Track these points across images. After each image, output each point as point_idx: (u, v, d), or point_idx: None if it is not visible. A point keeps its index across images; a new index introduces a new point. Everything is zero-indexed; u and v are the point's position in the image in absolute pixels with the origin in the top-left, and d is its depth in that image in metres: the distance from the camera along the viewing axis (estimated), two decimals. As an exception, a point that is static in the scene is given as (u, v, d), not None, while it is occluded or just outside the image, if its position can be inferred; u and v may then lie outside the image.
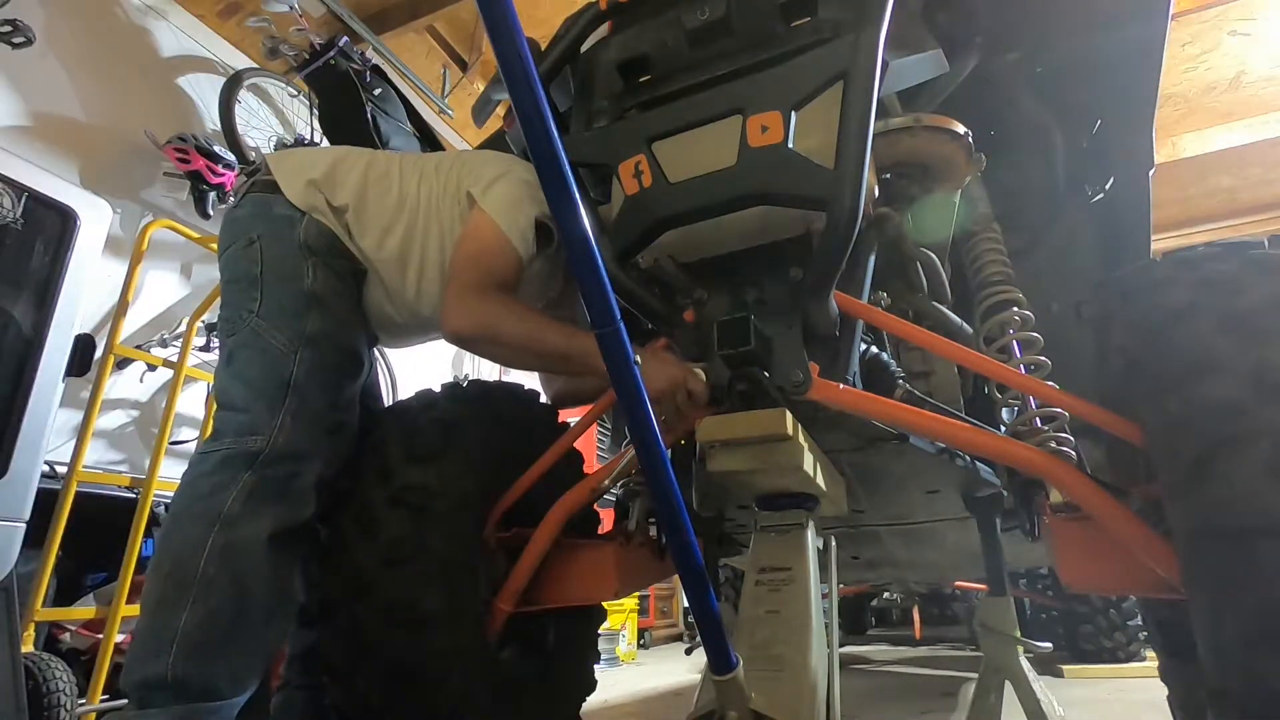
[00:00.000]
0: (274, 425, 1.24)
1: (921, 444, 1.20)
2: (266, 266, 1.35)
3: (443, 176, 1.51)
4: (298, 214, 1.39)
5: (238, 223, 1.42)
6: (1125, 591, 2.16)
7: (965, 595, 4.14)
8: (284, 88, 3.87)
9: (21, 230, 1.95)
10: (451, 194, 1.48)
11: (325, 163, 1.47)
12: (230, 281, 1.38)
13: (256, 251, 1.35)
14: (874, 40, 0.98)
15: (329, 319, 1.35)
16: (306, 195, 1.40)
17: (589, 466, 1.63)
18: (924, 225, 1.40)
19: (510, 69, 0.62)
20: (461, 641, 1.25)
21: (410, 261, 1.47)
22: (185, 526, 1.18)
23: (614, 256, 1.14)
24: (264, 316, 1.31)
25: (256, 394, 1.26)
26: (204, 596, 1.13)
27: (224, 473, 1.21)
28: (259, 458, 1.22)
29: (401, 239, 1.46)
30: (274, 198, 1.40)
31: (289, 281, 1.34)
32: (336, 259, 1.40)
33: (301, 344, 1.30)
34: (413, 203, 1.49)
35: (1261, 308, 0.85)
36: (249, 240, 1.37)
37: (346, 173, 1.47)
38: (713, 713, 0.89)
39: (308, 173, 1.43)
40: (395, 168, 1.53)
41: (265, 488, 1.21)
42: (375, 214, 1.46)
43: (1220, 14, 3.99)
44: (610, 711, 2.78)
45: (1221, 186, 5.45)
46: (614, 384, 0.74)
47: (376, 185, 1.49)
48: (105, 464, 2.83)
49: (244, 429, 1.24)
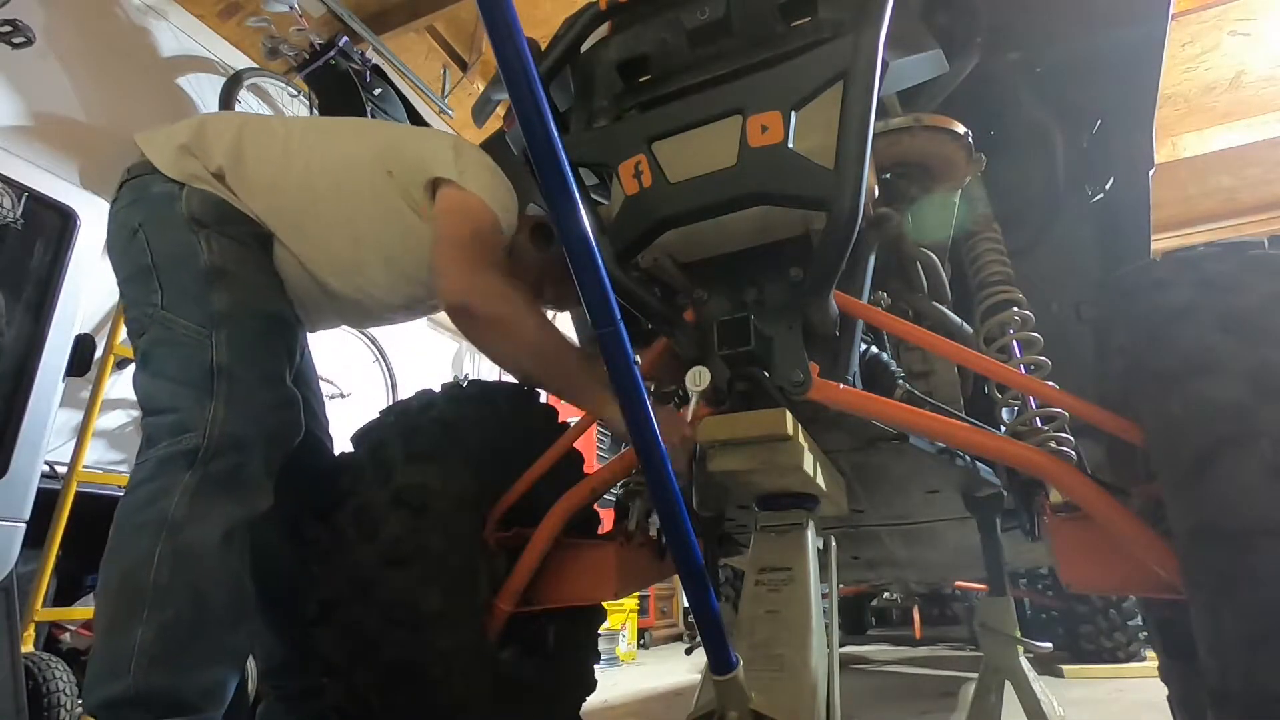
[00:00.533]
0: (207, 417, 1.15)
1: (921, 444, 1.20)
2: (156, 253, 1.24)
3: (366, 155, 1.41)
4: (176, 187, 1.27)
5: (116, 218, 1.32)
6: (1125, 591, 2.16)
7: (965, 595, 4.14)
8: (284, 88, 3.87)
9: (21, 230, 1.95)
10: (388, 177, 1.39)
11: (191, 127, 1.36)
12: (126, 281, 1.29)
13: (142, 240, 1.25)
14: (874, 40, 0.98)
15: (238, 289, 1.24)
16: (179, 163, 1.29)
17: (589, 466, 1.63)
18: (924, 225, 1.40)
19: (510, 69, 0.62)
20: (461, 641, 1.25)
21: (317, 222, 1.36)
22: (130, 539, 1.11)
23: (614, 256, 1.14)
24: (168, 307, 1.21)
25: (181, 389, 1.17)
26: (158, 608, 1.06)
27: (163, 477, 1.13)
28: (198, 454, 1.13)
29: (298, 197, 1.35)
30: (149, 177, 1.30)
31: (184, 262, 1.23)
32: (230, 225, 1.28)
33: (215, 324, 1.20)
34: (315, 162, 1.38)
35: (1261, 308, 0.85)
36: (131, 231, 1.27)
37: (218, 133, 1.36)
38: (713, 713, 0.89)
39: (176, 139, 1.32)
40: (276, 123, 1.45)
41: (210, 485, 1.13)
42: (256, 171, 1.34)
43: (1220, 14, 3.99)
44: (610, 711, 2.78)
45: (1221, 186, 5.44)
46: (614, 384, 0.74)
47: (254, 140, 1.37)
48: (105, 464, 2.83)
49: (176, 428, 1.15)
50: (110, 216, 1.35)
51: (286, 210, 1.35)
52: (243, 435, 1.17)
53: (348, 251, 1.39)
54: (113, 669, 1.04)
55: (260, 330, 1.26)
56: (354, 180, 1.39)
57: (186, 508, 1.11)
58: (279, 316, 1.32)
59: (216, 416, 1.16)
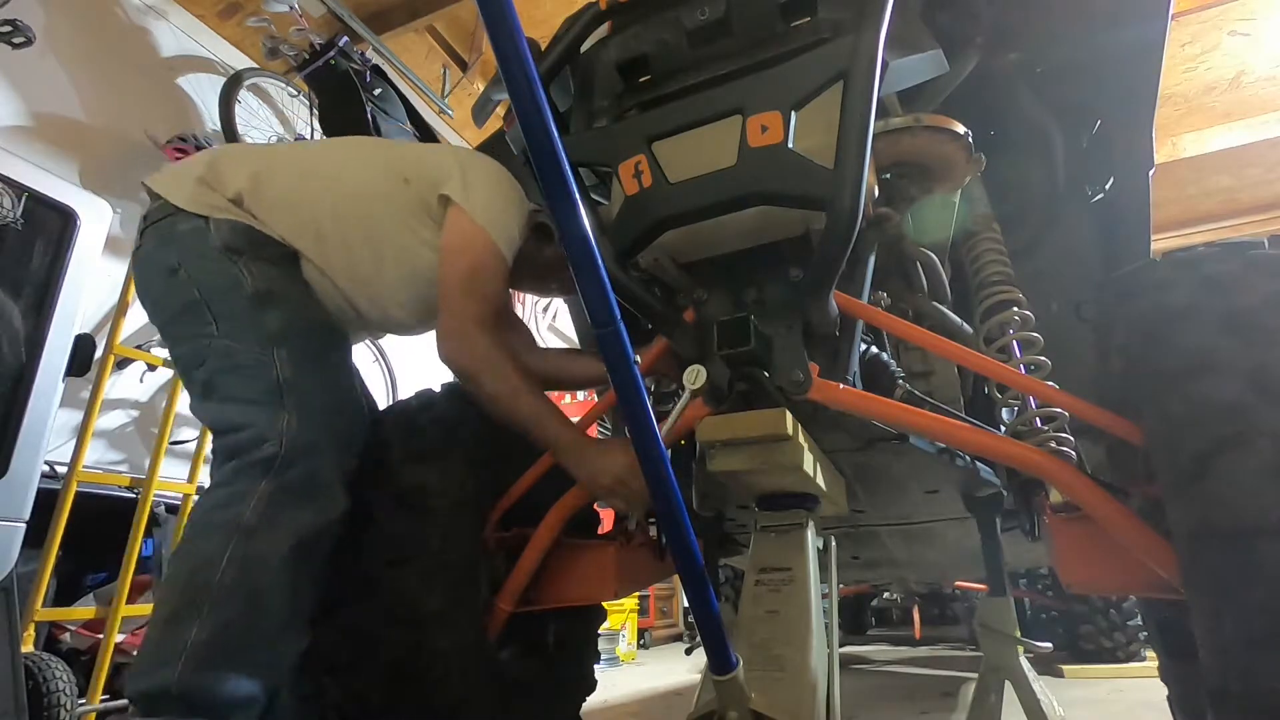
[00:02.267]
0: (281, 428, 1.20)
1: (921, 444, 1.20)
2: (202, 286, 1.28)
3: (380, 165, 1.46)
4: (202, 221, 1.31)
5: (148, 261, 1.35)
6: (1125, 591, 2.17)
7: (965, 595, 4.14)
8: (284, 88, 3.88)
9: (21, 230, 1.95)
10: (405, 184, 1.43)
11: (204, 161, 1.40)
12: (173, 319, 1.32)
13: (185, 277, 1.29)
14: (874, 40, 0.98)
15: (287, 307, 1.30)
16: (199, 197, 1.33)
17: (589, 466, 1.63)
18: (924, 225, 1.40)
19: (510, 69, 0.62)
20: (462, 641, 1.25)
21: (338, 235, 1.40)
22: (201, 538, 1.15)
23: (614, 256, 1.14)
24: (226, 335, 1.26)
25: (252, 407, 1.23)
26: (218, 609, 1.09)
27: (240, 482, 1.17)
28: (275, 462, 1.18)
29: (318, 211, 1.39)
30: (173, 217, 1.33)
31: (230, 291, 1.28)
32: (262, 249, 1.33)
33: (274, 343, 1.26)
34: (332, 178, 1.43)
35: (1261, 308, 0.85)
36: (170, 270, 1.30)
37: (232, 162, 1.40)
38: (713, 713, 0.89)
39: (191, 174, 1.36)
40: (288, 148, 1.52)
41: (285, 493, 1.17)
42: (274, 193, 1.38)
43: (1220, 14, 3.99)
44: (610, 711, 2.78)
45: (1221, 186, 5.45)
46: (614, 384, 0.74)
47: (268, 164, 1.42)
48: (105, 464, 2.84)
49: (254, 441, 1.20)
50: (139, 262, 1.37)
51: (308, 224, 1.39)
52: (315, 440, 1.22)
53: (368, 265, 1.43)
54: (162, 660, 1.07)
55: (317, 345, 1.33)
56: (371, 190, 1.44)
57: (260, 514, 1.15)
58: (329, 326, 1.39)
59: (290, 424, 1.21)
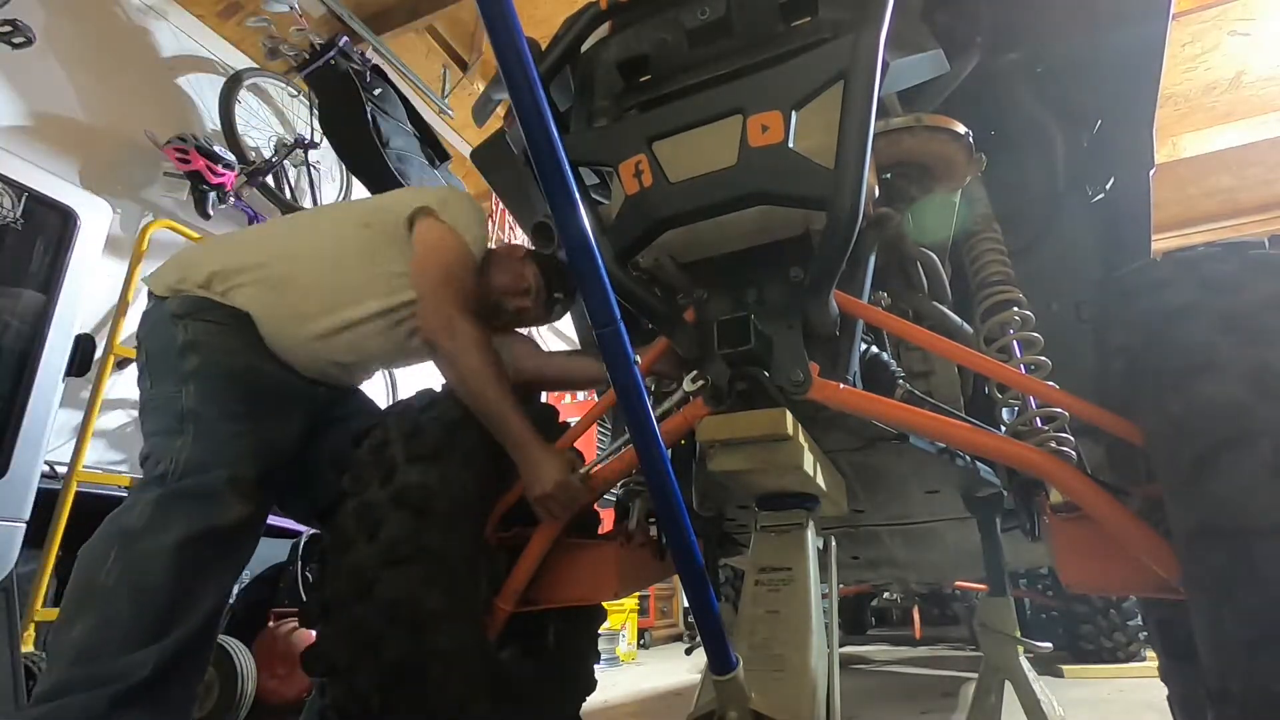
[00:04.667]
0: (175, 448, 1.30)
1: (921, 444, 1.20)
2: (149, 353, 1.44)
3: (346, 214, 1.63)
4: (165, 299, 1.46)
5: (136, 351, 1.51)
6: (1125, 591, 2.16)
7: (965, 595, 4.14)
8: (284, 88, 3.87)
9: (21, 230, 1.95)
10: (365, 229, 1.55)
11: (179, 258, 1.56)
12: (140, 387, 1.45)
13: (143, 353, 1.45)
14: (874, 40, 0.98)
15: (207, 352, 1.40)
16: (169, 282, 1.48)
17: (589, 466, 1.63)
18: (924, 225, 1.40)
19: (510, 69, 0.62)
20: (462, 641, 1.25)
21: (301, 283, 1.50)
22: (92, 548, 1.23)
23: (614, 256, 1.14)
24: (154, 385, 1.40)
25: (160, 438, 1.34)
26: (100, 607, 1.17)
27: (134, 496, 1.29)
28: (166, 477, 1.28)
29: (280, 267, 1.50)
30: (152, 307, 1.49)
31: (166, 348, 1.41)
32: (208, 312, 1.44)
33: (184, 381, 1.36)
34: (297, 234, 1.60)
35: (1261, 308, 0.85)
36: (138, 349, 1.47)
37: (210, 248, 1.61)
38: (713, 713, 0.89)
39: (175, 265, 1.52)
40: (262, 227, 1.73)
41: (170, 497, 1.26)
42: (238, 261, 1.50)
43: (1220, 14, 3.98)
44: (610, 711, 2.78)
45: (1221, 186, 5.45)
46: (614, 384, 0.74)
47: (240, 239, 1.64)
48: (105, 464, 2.83)
49: (153, 464, 1.31)
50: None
51: (268, 282, 1.49)
52: (205, 459, 1.30)
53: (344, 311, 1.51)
54: (53, 661, 1.16)
55: (225, 380, 1.40)
56: (335, 242, 1.56)
57: (146, 518, 1.24)
58: (250, 369, 1.44)
59: (184, 446, 1.30)
